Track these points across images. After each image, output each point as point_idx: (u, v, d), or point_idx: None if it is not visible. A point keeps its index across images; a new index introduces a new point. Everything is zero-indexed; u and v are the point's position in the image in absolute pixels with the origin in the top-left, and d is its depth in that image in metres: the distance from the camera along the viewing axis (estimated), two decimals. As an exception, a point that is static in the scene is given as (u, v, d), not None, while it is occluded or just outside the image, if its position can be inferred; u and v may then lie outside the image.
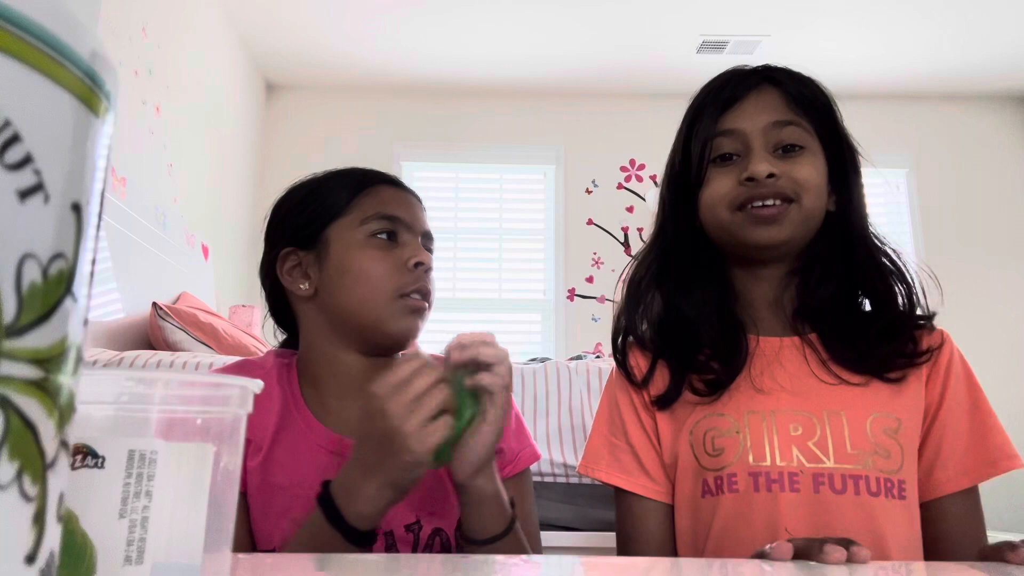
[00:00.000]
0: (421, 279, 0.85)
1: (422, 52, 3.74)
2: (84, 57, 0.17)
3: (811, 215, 0.79)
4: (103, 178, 0.18)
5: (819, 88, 0.83)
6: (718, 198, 0.80)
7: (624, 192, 4.05)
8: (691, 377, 0.81)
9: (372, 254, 0.83)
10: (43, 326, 0.16)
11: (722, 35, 3.56)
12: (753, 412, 0.78)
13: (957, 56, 3.74)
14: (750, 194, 0.78)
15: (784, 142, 0.79)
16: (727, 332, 0.82)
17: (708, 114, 0.82)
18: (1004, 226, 4.01)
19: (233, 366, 0.91)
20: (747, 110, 0.81)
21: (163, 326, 2.22)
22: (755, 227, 0.78)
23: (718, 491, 0.77)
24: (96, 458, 0.30)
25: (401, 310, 0.83)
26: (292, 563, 0.54)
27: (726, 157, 0.81)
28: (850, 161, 0.83)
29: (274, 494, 0.79)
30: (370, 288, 0.83)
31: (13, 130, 0.15)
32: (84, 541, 0.29)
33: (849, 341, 0.79)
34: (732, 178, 0.79)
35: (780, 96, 0.81)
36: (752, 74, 0.84)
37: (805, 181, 0.78)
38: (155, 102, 2.68)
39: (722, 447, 0.77)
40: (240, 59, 3.61)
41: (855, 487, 0.73)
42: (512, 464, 0.87)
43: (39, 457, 0.16)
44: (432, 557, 0.57)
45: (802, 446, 0.75)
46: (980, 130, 4.12)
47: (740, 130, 0.80)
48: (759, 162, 0.77)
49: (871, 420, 0.76)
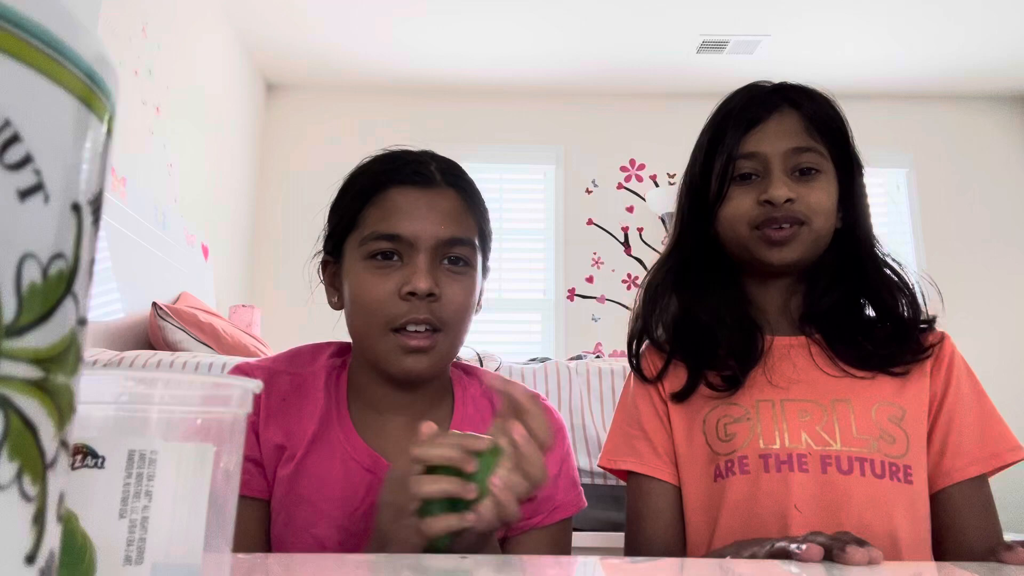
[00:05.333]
0: (417, 309, 0.73)
1: (422, 52, 3.74)
2: (84, 57, 0.17)
3: (820, 236, 0.84)
4: (103, 178, 0.18)
5: (834, 109, 0.88)
6: (739, 216, 0.84)
7: (624, 192, 4.05)
8: (707, 373, 0.85)
9: (365, 279, 0.75)
10: (43, 326, 0.16)
11: (722, 35, 3.56)
12: (763, 400, 0.82)
13: (957, 56, 3.74)
14: (768, 216, 0.82)
15: (802, 166, 0.84)
16: (744, 333, 0.86)
17: (731, 135, 0.86)
18: (1004, 226, 4.01)
19: (283, 357, 0.84)
20: (768, 134, 0.85)
21: (163, 326, 2.22)
22: (768, 249, 0.83)
23: (728, 473, 0.80)
24: (96, 458, 0.30)
25: (394, 348, 0.74)
26: (292, 563, 0.54)
27: (746, 176, 0.85)
28: (858, 180, 0.88)
29: (299, 506, 0.74)
30: (363, 319, 0.75)
31: (13, 130, 0.15)
32: (84, 541, 0.29)
33: (853, 342, 0.84)
34: (751, 198, 0.84)
35: (799, 120, 0.85)
36: (773, 94, 0.87)
37: (817, 205, 0.83)
38: (155, 102, 2.68)
39: (734, 432, 0.81)
40: (240, 59, 3.61)
41: (860, 469, 0.76)
42: (547, 515, 0.80)
43: (39, 457, 0.16)
44: (432, 557, 0.57)
45: (810, 430, 0.79)
46: (980, 130, 4.12)
47: (762, 154, 0.84)
48: (779, 187, 0.82)
49: (876, 408, 0.80)
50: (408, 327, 0.73)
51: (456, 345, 0.79)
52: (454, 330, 0.76)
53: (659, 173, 4.04)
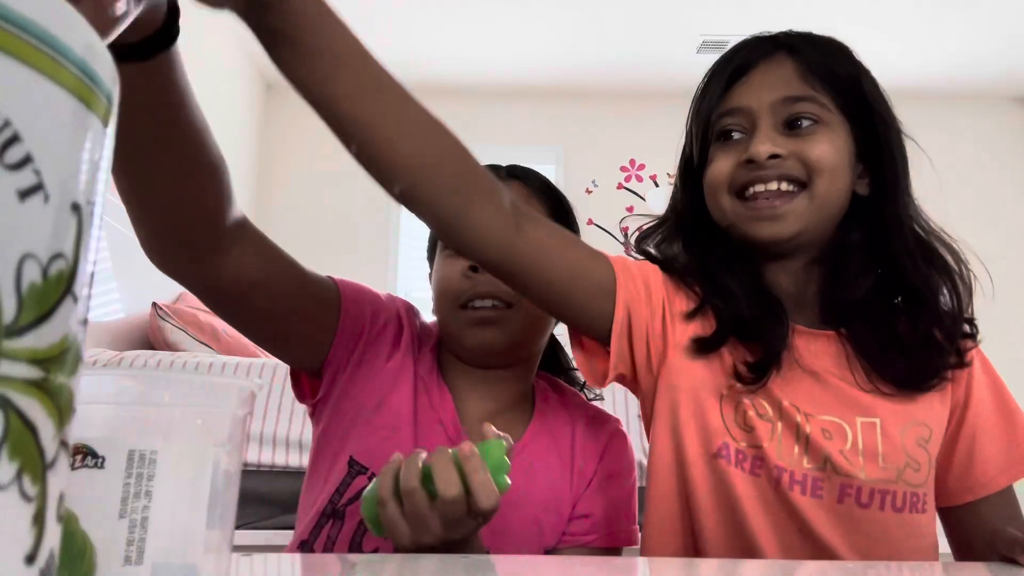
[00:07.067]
0: (479, 284, 0.78)
1: (422, 52, 3.74)
2: (84, 57, 0.17)
3: (826, 202, 0.69)
4: (103, 178, 0.18)
5: (844, 54, 0.73)
6: (718, 181, 0.71)
7: (624, 192, 4.05)
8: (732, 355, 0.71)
9: (440, 264, 0.82)
10: (43, 326, 0.16)
11: (722, 35, 3.56)
12: (788, 407, 0.70)
13: (957, 56, 3.74)
14: (749, 177, 0.69)
15: (795, 116, 0.69)
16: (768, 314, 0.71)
17: (712, 88, 0.73)
18: (1004, 226, 4.01)
19: None
20: (754, 84, 0.71)
21: (163, 326, 2.22)
22: (756, 223, 0.69)
23: (738, 465, 0.70)
24: (96, 458, 0.30)
25: (465, 323, 0.79)
26: (293, 563, 0.54)
27: (726, 134, 0.72)
28: (884, 136, 0.71)
29: (345, 415, 0.76)
30: (438, 301, 0.82)
31: (13, 130, 0.15)
32: (84, 541, 0.29)
33: (884, 346, 0.70)
34: (732, 159, 0.70)
35: (795, 67, 0.71)
36: (766, 41, 0.74)
37: (818, 161, 0.68)
38: (155, 102, 2.68)
39: (754, 426, 0.70)
40: (240, 59, 3.61)
41: (881, 502, 0.68)
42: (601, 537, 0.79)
43: (39, 457, 0.16)
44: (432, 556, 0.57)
45: (834, 452, 0.68)
46: (980, 130, 4.12)
47: (745, 108, 0.70)
48: (761, 141, 0.68)
49: (904, 430, 0.70)
50: (475, 302, 0.78)
51: (532, 325, 0.81)
52: (525, 306, 0.79)
53: (659, 173, 4.04)
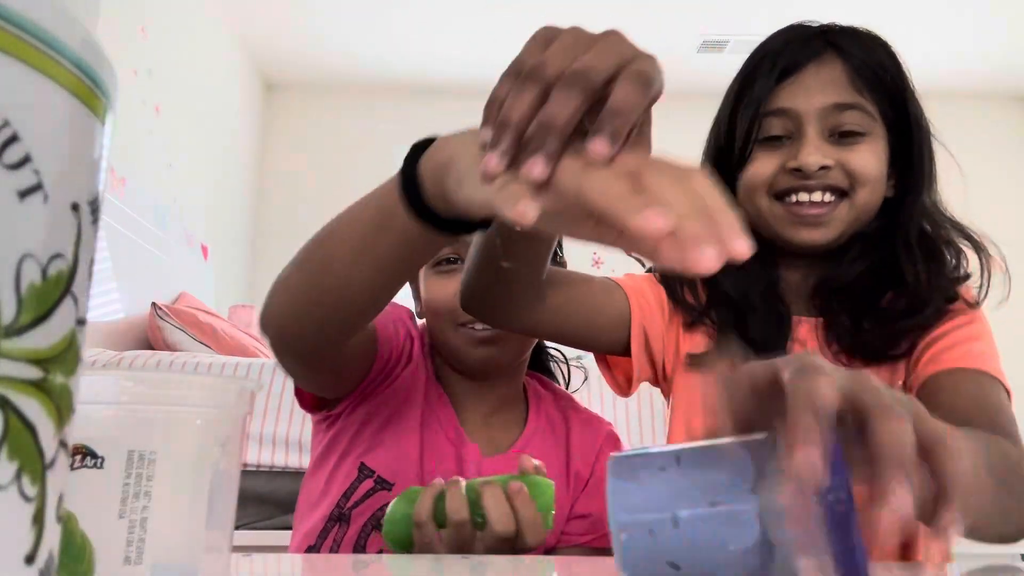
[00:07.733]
0: None
1: (422, 52, 3.74)
2: (83, 57, 0.17)
3: (865, 210, 0.70)
4: (103, 178, 0.18)
5: (890, 57, 0.73)
6: (758, 182, 0.71)
7: (624, 192, 4.05)
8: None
9: (431, 285, 0.81)
10: (42, 326, 0.16)
11: (722, 35, 3.56)
12: None
13: (957, 56, 3.74)
14: (794, 184, 0.69)
15: (843, 127, 0.69)
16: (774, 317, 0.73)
17: (760, 84, 0.71)
18: (1003, 226, 4.00)
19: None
20: (804, 85, 0.70)
21: (162, 326, 2.22)
22: (797, 228, 0.69)
23: None
24: (96, 458, 0.30)
25: (465, 341, 0.79)
26: (293, 564, 0.54)
27: (775, 137, 0.71)
28: (918, 142, 0.73)
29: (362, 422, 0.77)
30: (433, 319, 0.82)
31: (12, 130, 0.15)
32: (83, 541, 0.29)
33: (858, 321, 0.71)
34: (776, 163, 0.70)
35: (844, 70, 0.70)
36: (815, 37, 0.73)
37: (862, 173, 0.68)
38: (155, 102, 2.68)
39: None
40: (239, 59, 3.61)
41: None
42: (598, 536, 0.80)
43: (38, 457, 0.16)
44: (432, 556, 0.57)
45: None
46: (980, 130, 4.12)
47: (794, 111, 0.70)
48: (810, 152, 0.68)
49: None
50: (475, 324, 0.78)
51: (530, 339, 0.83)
52: None
53: (659, 173, 4.04)
